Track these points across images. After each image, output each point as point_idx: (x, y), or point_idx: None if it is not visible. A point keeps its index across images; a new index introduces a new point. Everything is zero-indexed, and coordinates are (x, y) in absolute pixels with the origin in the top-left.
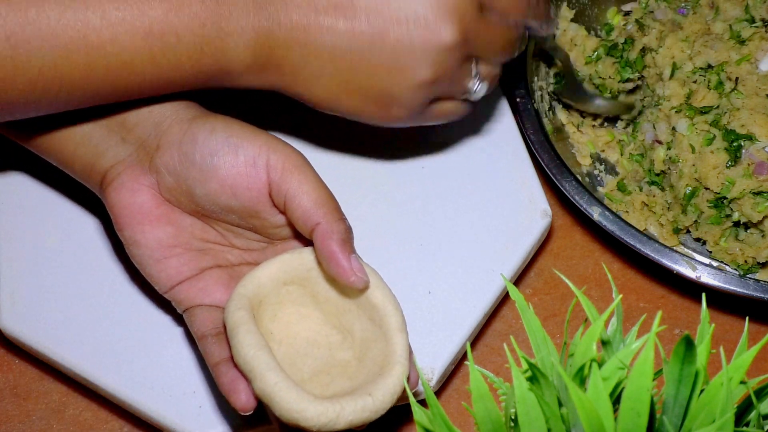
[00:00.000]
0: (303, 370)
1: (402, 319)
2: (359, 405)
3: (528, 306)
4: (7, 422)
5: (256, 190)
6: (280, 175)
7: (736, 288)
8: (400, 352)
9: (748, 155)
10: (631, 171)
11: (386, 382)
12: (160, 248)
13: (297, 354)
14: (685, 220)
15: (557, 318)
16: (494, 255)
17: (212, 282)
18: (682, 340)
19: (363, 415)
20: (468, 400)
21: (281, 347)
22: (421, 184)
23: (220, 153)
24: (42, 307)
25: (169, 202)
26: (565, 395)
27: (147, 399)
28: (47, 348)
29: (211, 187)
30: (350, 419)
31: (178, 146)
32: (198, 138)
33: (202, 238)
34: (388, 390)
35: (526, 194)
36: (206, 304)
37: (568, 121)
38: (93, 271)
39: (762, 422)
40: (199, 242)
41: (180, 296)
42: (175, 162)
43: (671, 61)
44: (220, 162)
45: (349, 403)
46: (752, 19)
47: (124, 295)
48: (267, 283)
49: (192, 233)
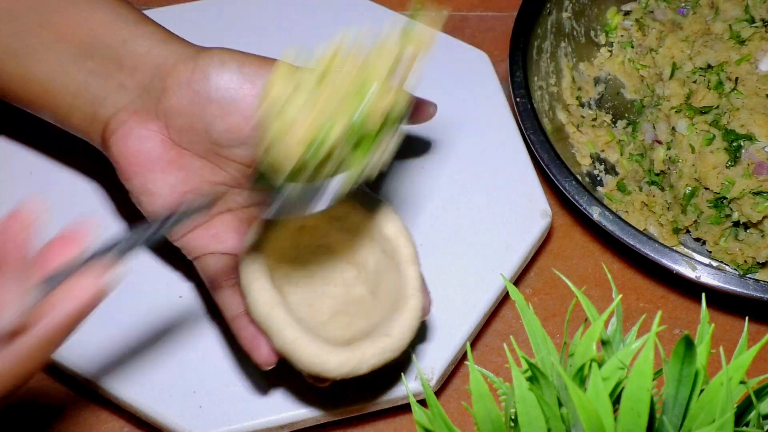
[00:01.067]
0: (323, 311)
1: (414, 251)
2: (379, 347)
3: (528, 306)
4: (7, 422)
5: None
6: None
7: (735, 288)
8: (412, 283)
9: (748, 155)
10: (631, 171)
11: (402, 318)
12: (171, 195)
13: (315, 295)
14: (685, 220)
15: (557, 318)
16: (494, 255)
17: (223, 228)
18: (682, 340)
19: (384, 356)
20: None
21: (298, 289)
22: (421, 184)
23: (236, 85)
24: None
25: (179, 145)
26: (565, 395)
27: (147, 399)
28: None
29: (232, 121)
30: (372, 363)
31: (187, 85)
32: (210, 74)
33: (211, 180)
34: (405, 326)
35: (526, 194)
36: (219, 252)
37: (568, 121)
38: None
39: (762, 422)
40: (209, 185)
41: (192, 244)
42: (186, 102)
43: (671, 61)
44: (240, 94)
45: (369, 347)
46: (752, 19)
47: (124, 295)
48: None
49: (202, 176)
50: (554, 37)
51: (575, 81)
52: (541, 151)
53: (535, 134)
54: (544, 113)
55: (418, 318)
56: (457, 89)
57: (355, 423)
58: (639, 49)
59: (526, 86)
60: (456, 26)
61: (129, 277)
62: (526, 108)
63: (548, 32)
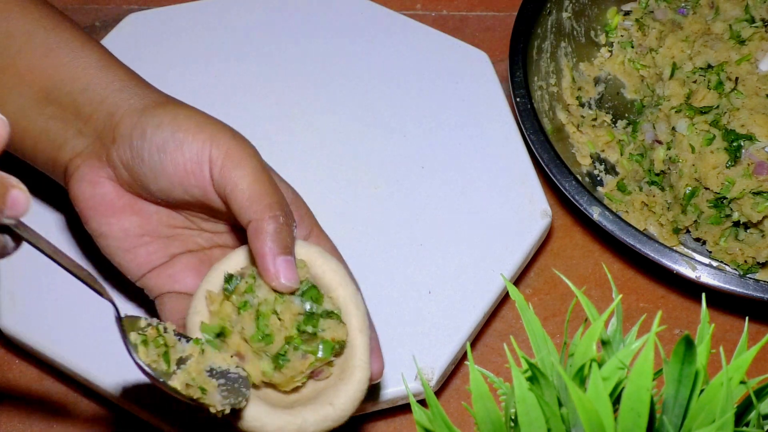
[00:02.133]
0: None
1: (363, 319)
2: (321, 415)
3: (528, 306)
4: (7, 422)
5: (203, 187)
6: (219, 171)
7: (736, 288)
8: (359, 355)
9: (748, 155)
10: (631, 171)
11: (347, 389)
12: (127, 238)
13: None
14: (685, 220)
15: (557, 318)
16: (494, 255)
17: (181, 268)
18: (682, 340)
19: (325, 424)
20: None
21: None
22: (421, 184)
23: (167, 150)
24: (42, 307)
25: (131, 192)
26: (565, 395)
27: (147, 399)
28: (47, 348)
29: (162, 184)
30: (312, 431)
31: (129, 140)
32: (146, 133)
33: (169, 224)
34: (348, 397)
35: (526, 194)
36: (176, 291)
37: (568, 121)
38: (93, 271)
39: (762, 422)
40: (167, 229)
41: (150, 283)
42: (128, 157)
43: (671, 61)
44: (167, 160)
45: (311, 414)
46: (752, 19)
47: (125, 295)
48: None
49: (159, 220)
50: (554, 37)
51: (575, 81)
52: (541, 151)
53: (535, 134)
54: (544, 113)
55: (363, 390)
56: (457, 89)
57: (355, 423)
58: (639, 49)
59: (526, 86)
60: (456, 26)
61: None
62: (526, 108)
63: (548, 32)
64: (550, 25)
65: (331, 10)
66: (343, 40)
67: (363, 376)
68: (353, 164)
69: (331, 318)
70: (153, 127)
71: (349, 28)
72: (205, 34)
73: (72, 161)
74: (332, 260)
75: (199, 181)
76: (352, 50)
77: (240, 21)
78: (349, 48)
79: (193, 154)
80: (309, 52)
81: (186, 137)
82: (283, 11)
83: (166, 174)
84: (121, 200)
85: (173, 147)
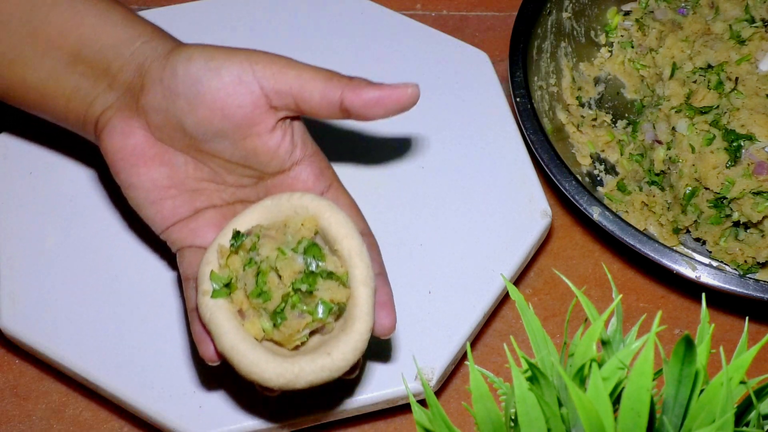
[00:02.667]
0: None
1: (367, 272)
2: (318, 364)
3: (528, 306)
4: (7, 422)
5: (249, 106)
6: (275, 79)
7: (736, 288)
8: (361, 306)
9: (748, 155)
10: (631, 171)
11: (346, 339)
12: (155, 189)
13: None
14: (685, 220)
15: (557, 318)
16: (494, 255)
17: (204, 223)
18: (682, 340)
19: (322, 374)
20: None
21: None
22: (421, 184)
23: (203, 79)
24: (42, 307)
25: (162, 142)
26: (565, 395)
27: (147, 399)
28: (47, 348)
29: (201, 115)
30: (310, 379)
31: (160, 82)
32: (177, 69)
33: (195, 176)
34: (347, 348)
35: (526, 194)
36: (196, 246)
37: (568, 121)
38: (93, 271)
39: (762, 422)
40: (193, 181)
41: (174, 236)
42: (160, 98)
43: (671, 61)
44: (205, 88)
45: (308, 363)
46: (752, 19)
47: (124, 295)
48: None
49: (186, 172)
50: (554, 37)
51: (575, 81)
52: (541, 151)
53: (535, 134)
54: (544, 113)
55: (363, 341)
56: (457, 89)
57: (355, 423)
58: (639, 49)
59: (526, 86)
60: (456, 26)
61: (130, 277)
62: (526, 108)
63: (548, 32)
64: (550, 25)
65: (331, 10)
66: (343, 40)
67: (363, 327)
68: (353, 164)
69: (332, 279)
70: (184, 62)
71: (349, 28)
72: (205, 34)
73: (103, 114)
74: (340, 213)
75: (244, 100)
76: (352, 50)
77: (240, 21)
78: (349, 48)
79: (234, 76)
80: (309, 52)
81: (222, 63)
82: (283, 11)
83: (205, 103)
84: (151, 150)
85: (209, 76)
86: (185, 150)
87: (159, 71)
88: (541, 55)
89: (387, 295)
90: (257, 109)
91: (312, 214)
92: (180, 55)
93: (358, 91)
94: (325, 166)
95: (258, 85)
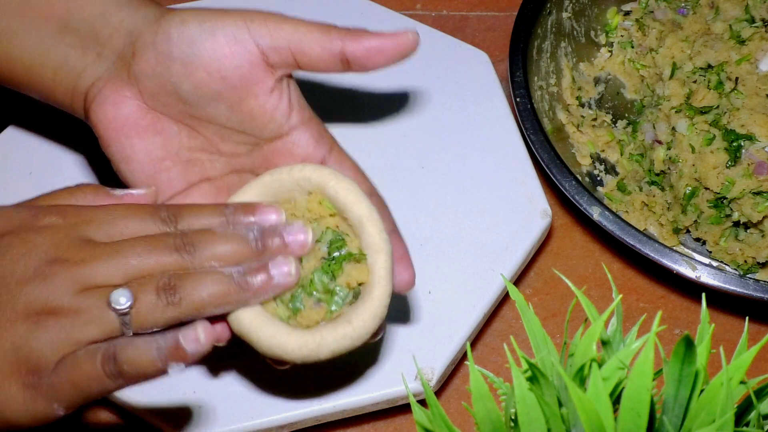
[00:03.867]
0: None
1: (380, 236)
2: (339, 333)
3: (528, 306)
4: None
5: (246, 65)
6: (271, 35)
7: (736, 288)
8: (377, 271)
9: (748, 155)
10: (631, 171)
11: (365, 306)
12: (150, 161)
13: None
14: (685, 220)
15: (557, 318)
16: (494, 255)
17: (198, 197)
18: (682, 340)
19: (344, 342)
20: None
21: None
22: (421, 184)
23: (198, 41)
24: None
25: (155, 110)
26: (565, 395)
27: (147, 399)
28: None
29: (197, 78)
30: (332, 348)
31: (152, 47)
32: (171, 33)
33: (189, 146)
34: (367, 314)
35: (526, 194)
36: None
37: (568, 121)
38: None
39: (762, 422)
40: (187, 151)
41: None
42: (153, 64)
43: (671, 61)
44: (201, 49)
45: (329, 332)
46: (752, 19)
47: None
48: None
49: (180, 142)
50: (554, 37)
51: (575, 81)
52: (541, 151)
53: (535, 134)
54: (544, 113)
55: (383, 307)
56: (457, 89)
57: (355, 423)
58: (639, 49)
59: (526, 86)
60: (456, 26)
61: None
62: (526, 108)
63: (548, 32)
64: (550, 25)
65: (331, 10)
66: None
67: (381, 293)
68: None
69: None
70: (178, 26)
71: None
72: None
73: (93, 86)
74: (345, 180)
75: (241, 59)
76: None
77: None
78: None
79: (229, 36)
80: None
81: (216, 24)
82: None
83: (203, 64)
84: (144, 119)
85: (204, 37)
86: (179, 118)
87: (151, 36)
88: (541, 55)
89: (403, 250)
90: (255, 68)
91: (316, 185)
92: (173, 19)
93: (359, 39)
94: (323, 130)
95: (254, 43)
